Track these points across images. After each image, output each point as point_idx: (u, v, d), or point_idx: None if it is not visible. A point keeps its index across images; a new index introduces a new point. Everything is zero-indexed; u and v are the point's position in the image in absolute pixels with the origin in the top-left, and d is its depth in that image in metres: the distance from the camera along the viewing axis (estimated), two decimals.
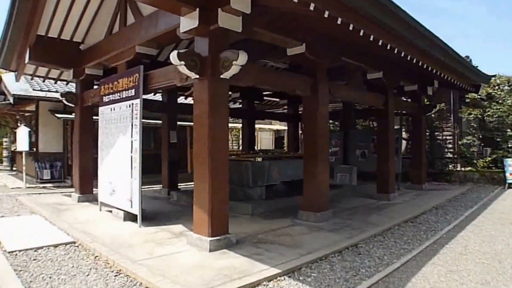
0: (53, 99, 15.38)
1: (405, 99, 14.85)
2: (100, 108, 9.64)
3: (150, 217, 8.40)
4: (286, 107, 18.06)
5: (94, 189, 11.40)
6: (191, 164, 18.92)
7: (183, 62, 6.17)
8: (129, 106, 8.20)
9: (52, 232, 7.54)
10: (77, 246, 6.73)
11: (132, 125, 8.07)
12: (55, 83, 14.77)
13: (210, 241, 6.30)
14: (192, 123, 7.35)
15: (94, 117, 11.41)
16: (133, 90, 8.11)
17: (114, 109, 8.91)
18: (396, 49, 7.47)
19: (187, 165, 19.03)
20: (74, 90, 11.77)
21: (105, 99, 9.35)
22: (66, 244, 6.81)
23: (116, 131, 8.77)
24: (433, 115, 16.29)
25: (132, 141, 8.05)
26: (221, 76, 6.39)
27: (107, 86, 9.22)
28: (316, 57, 8.45)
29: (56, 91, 15.54)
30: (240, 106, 16.61)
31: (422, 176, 14.27)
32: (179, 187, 13.13)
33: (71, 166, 15.44)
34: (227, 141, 7.04)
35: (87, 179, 11.23)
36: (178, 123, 13.40)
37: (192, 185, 7.02)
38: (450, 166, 17.08)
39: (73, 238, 7.11)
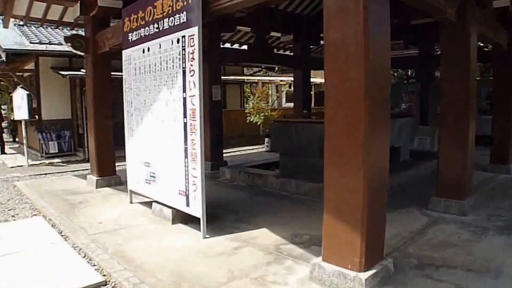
0: (56, 52, 12.54)
1: None
2: (125, 52, 6.43)
3: (208, 212, 5.25)
4: None
5: (117, 168, 8.35)
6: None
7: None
8: (178, 42, 4.98)
9: (64, 260, 4.45)
10: None
11: (184, 72, 4.88)
12: (57, 28, 11.51)
13: (366, 280, 3.31)
14: None
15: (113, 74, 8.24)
16: (183, 14, 4.88)
17: (149, 50, 5.69)
18: None
19: None
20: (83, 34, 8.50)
21: (133, 36, 6.11)
22: None
23: (155, 84, 5.59)
24: None
25: (185, 98, 4.87)
26: None
27: (136, 16, 5.97)
28: None
29: (60, 43, 12.35)
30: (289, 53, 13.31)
31: None
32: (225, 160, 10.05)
33: (82, 135, 12.49)
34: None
35: (107, 156, 8.14)
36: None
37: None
38: None
39: (104, 274, 4.05)
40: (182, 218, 5.39)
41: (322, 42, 12.55)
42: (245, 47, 13.25)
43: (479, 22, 6.00)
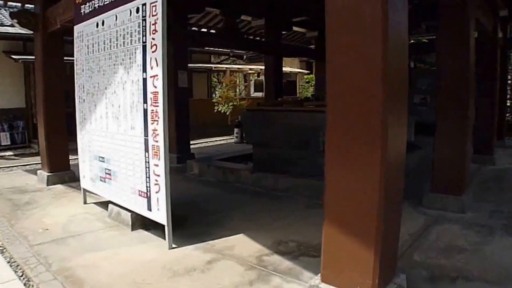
0: (8, 35, 11.39)
1: None
2: (77, 28, 5.44)
3: (175, 214, 4.35)
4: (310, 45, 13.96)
5: (72, 162, 7.34)
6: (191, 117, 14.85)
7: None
8: (138, 11, 4.05)
9: None
10: None
11: (144, 47, 3.96)
12: (5, 6, 10.30)
13: None
14: None
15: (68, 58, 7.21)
16: None
17: (104, 24, 4.73)
18: None
19: None
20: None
21: (86, 9, 5.13)
22: None
23: (110, 63, 4.64)
24: None
25: (145, 80, 3.96)
26: None
27: None
28: None
29: (12, 25, 11.08)
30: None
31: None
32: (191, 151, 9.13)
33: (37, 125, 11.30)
34: None
35: (59, 149, 7.09)
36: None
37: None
38: None
39: None
40: (144, 222, 4.49)
41: (294, 28, 11.76)
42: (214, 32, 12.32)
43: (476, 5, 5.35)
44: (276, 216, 5.01)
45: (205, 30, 12.35)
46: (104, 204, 5.27)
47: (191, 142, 10.21)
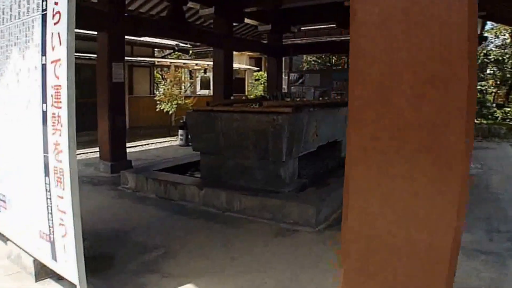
0: None
1: None
2: None
3: (97, 253, 2.98)
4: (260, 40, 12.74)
5: None
6: (131, 116, 13.29)
7: None
8: None
9: None
10: None
11: (44, 18, 2.57)
12: None
13: None
14: None
15: None
16: None
17: None
18: None
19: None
20: None
21: None
22: None
23: (1, 44, 3.19)
24: None
25: (45, 66, 2.57)
26: None
27: None
28: None
29: None
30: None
31: None
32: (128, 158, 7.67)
33: None
34: None
35: None
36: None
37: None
38: None
39: None
40: (50, 272, 3.11)
41: (246, 20, 10.52)
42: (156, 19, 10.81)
43: None
44: (235, 251, 3.77)
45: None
46: (4, 238, 3.81)
47: (131, 145, 8.85)
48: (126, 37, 7.79)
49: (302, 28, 13.70)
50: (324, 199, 4.71)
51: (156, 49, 17.48)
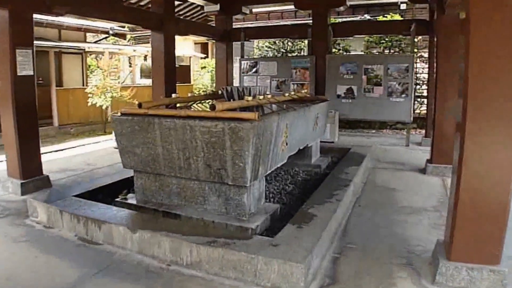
0: None
1: None
2: None
3: None
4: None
5: None
6: (60, 112, 11.29)
7: None
8: None
9: None
10: None
11: None
12: None
13: None
14: None
15: None
16: None
17: None
18: None
19: (51, 114, 11.35)
20: None
21: None
22: None
23: None
24: None
25: None
26: None
27: None
28: None
29: None
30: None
31: None
32: (45, 172, 5.86)
33: None
34: None
35: None
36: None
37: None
38: None
39: None
40: None
41: None
42: None
43: None
44: None
45: None
46: None
47: (58, 148, 7.18)
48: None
49: (254, 11, 12.11)
50: (313, 246, 3.22)
51: (89, 34, 15.34)
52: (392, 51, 11.36)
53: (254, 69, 10.16)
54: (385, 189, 5.69)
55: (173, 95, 5.14)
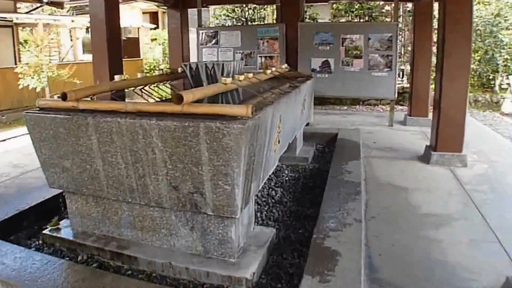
0: None
1: None
2: None
3: None
4: None
5: None
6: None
7: None
8: None
9: None
10: None
11: None
12: None
13: None
14: None
15: None
16: None
17: None
18: None
19: None
20: None
21: None
22: None
23: None
24: None
25: None
26: None
27: None
28: None
29: None
30: None
31: None
32: None
33: None
34: None
35: None
36: None
37: None
38: None
39: None
40: None
41: None
42: None
43: None
44: None
45: None
46: None
47: None
48: None
49: None
50: None
51: (21, 5, 13.18)
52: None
53: (214, 40, 8.65)
54: (393, 188, 4.51)
55: (116, 77, 3.55)
